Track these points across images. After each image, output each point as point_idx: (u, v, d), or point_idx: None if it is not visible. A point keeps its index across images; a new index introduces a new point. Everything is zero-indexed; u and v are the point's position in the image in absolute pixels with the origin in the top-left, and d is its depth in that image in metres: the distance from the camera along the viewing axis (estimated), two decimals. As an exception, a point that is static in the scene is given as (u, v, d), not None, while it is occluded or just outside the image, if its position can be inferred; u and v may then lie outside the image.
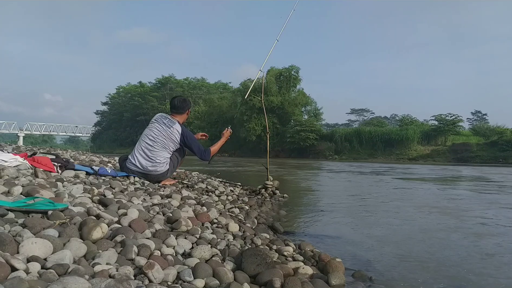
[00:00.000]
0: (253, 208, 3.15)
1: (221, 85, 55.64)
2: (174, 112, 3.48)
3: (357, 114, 58.35)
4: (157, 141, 3.29)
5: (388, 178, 8.56)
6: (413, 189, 6.08)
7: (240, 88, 39.18)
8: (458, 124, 31.26)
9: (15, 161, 2.76)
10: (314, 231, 2.56)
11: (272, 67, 37.47)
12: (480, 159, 25.78)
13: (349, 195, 5.00)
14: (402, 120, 39.23)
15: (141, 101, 50.71)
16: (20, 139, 51.90)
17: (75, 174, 2.89)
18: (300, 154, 32.45)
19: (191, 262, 1.36)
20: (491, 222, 3.01)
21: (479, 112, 48.90)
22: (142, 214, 1.87)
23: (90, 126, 64.00)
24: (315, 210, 3.47)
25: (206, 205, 2.54)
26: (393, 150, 30.74)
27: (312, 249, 1.91)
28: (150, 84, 55.26)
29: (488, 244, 2.30)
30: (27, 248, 1.16)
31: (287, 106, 35.98)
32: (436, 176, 9.97)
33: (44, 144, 60.56)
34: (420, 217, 3.22)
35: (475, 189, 6.28)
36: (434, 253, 2.05)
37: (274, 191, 4.12)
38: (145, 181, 3.19)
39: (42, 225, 1.41)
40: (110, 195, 2.27)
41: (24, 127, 55.50)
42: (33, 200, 1.67)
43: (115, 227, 1.59)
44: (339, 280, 1.45)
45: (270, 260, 1.41)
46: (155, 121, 3.43)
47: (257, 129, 34.82)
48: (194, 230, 1.82)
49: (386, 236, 2.47)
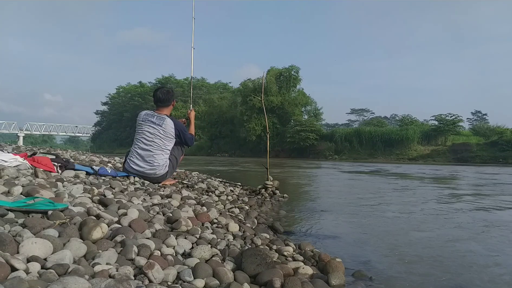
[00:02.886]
0: (253, 208, 3.15)
1: (221, 85, 55.70)
2: (159, 106, 3.31)
3: (357, 114, 58.40)
4: (153, 144, 3.19)
5: (388, 178, 8.56)
6: (413, 189, 6.07)
7: (240, 88, 39.20)
8: (458, 124, 31.26)
9: (15, 161, 2.76)
10: (314, 231, 2.56)
11: (272, 67, 37.58)
12: (480, 159, 25.78)
13: (349, 195, 5.00)
14: (402, 120, 39.23)
15: (141, 101, 50.72)
16: (20, 139, 51.92)
17: (75, 174, 2.89)
18: (300, 154, 32.45)
19: (191, 262, 1.36)
20: (493, 223, 3.01)
21: (479, 112, 48.99)
22: (142, 214, 1.87)
23: (90, 126, 64.11)
24: (315, 210, 3.47)
25: (206, 205, 2.54)
26: (393, 150, 30.74)
27: (312, 249, 1.91)
28: (150, 84, 55.33)
29: (490, 243, 2.30)
30: (27, 248, 1.16)
31: (287, 106, 36.00)
32: (436, 176, 9.96)
33: (44, 143, 60.57)
34: (420, 217, 3.22)
35: (475, 189, 6.27)
36: (434, 253, 2.05)
37: (274, 191, 4.12)
38: (145, 181, 3.18)
39: (42, 225, 1.40)
40: (110, 195, 2.27)
41: (24, 127, 55.54)
42: (33, 200, 1.66)
43: (115, 227, 1.58)
44: (339, 280, 1.45)
45: (270, 260, 1.41)
46: (142, 122, 3.24)
47: (257, 129, 34.84)
48: (194, 230, 1.82)
49: (386, 236, 2.47)
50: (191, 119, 3.78)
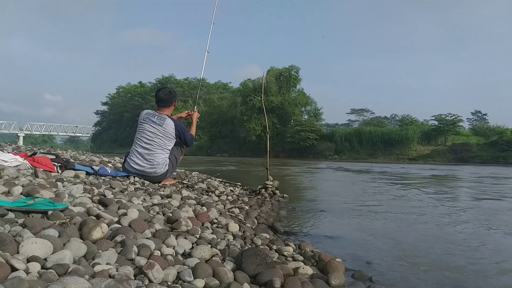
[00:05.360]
0: (253, 208, 3.15)
1: (221, 85, 55.72)
2: (161, 106, 3.33)
3: (357, 114, 58.33)
4: (153, 144, 3.20)
5: (388, 178, 8.56)
6: (413, 189, 6.07)
7: (240, 88, 39.23)
8: (458, 124, 31.27)
9: (15, 161, 2.76)
10: (314, 231, 2.56)
11: (272, 67, 37.60)
12: (480, 159, 25.78)
13: (349, 195, 5.00)
14: (402, 120, 39.28)
15: (141, 101, 50.73)
16: (20, 139, 51.94)
17: (75, 174, 2.89)
18: (300, 154, 32.45)
19: (191, 262, 1.36)
20: (495, 224, 3.00)
21: (479, 112, 48.96)
22: (142, 214, 1.87)
23: (90, 126, 64.12)
24: (315, 210, 3.47)
25: (206, 205, 2.54)
26: (393, 150, 30.75)
27: (312, 249, 1.91)
28: (150, 84, 55.35)
29: (490, 245, 2.29)
30: (27, 248, 1.16)
31: (287, 106, 36.01)
32: (436, 176, 9.96)
33: (44, 143, 60.48)
34: (420, 217, 3.22)
35: (476, 189, 6.27)
36: (434, 253, 2.05)
37: (274, 191, 4.12)
38: (145, 181, 3.18)
39: (42, 225, 1.40)
40: (110, 195, 2.26)
41: (24, 127, 55.58)
42: (33, 200, 1.66)
43: (115, 227, 1.58)
44: (339, 280, 1.45)
45: (270, 260, 1.41)
46: (143, 121, 3.25)
47: (257, 129, 34.85)
48: (194, 230, 1.82)
49: (386, 236, 2.47)
50: (193, 120, 3.78)
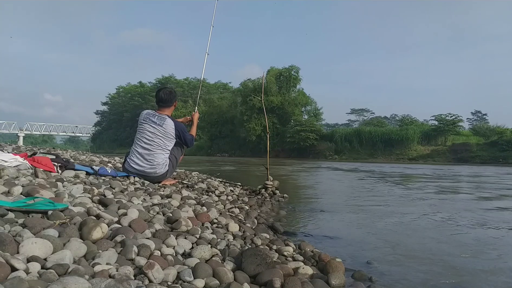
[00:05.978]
0: (253, 208, 3.15)
1: (221, 85, 55.70)
2: (162, 106, 3.33)
3: (357, 114, 58.36)
4: (153, 144, 3.20)
5: (388, 178, 8.56)
6: (413, 189, 6.07)
7: (240, 88, 39.22)
8: (458, 124, 31.30)
9: (15, 161, 2.76)
10: (314, 231, 2.56)
11: (272, 67, 37.61)
12: (480, 159, 25.79)
13: (349, 195, 5.00)
14: (402, 120, 39.29)
15: (141, 101, 50.73)
16: (20, 139, 51.94)
17: (75, 174, 2.89)
18: (300, 154, 32.45)
19: (191, 262, 1.36)
20: (495, 224, 3.00)
21: (479, 112, 49.01)
22: (142, 214, 1.87)
23: (90, 126, 64.12)
24: (315, 210, 3.47)
25: (206, 205, 2.54)
26: (393, 150, 30.76)
27: (312, 249, 1.91)
28: (150, 84, 55.34)
29: (490, 245, 2.29)
30: (27, 248, 1.16)
31: (287, 106, 36.02)
32: (436, 175, 9.96)
33: (44, 144, 60.52)
34: (421, 217, 3.22)
35: (476, 189, 6.27)
36: (434, 253, 2.05)
37: (274, 191, 4.12)
38: (145, 181, 3.18)
39: (42, 225, 1.40)
40: (110, 195, 2.26)
41: (24, 127, 55.58)
42: (33, 200, 1.66)
43: (115, 227, 1.58)
44: (339, 280, 1.45)
45: (270, 260, 1.41)
46: (144, 122, 3.26)
47: (257, 129, 34.85)
48: (194, 230, 1.82)
49: (386, 236, 2.47)
50: (194, 120, 3.78)
